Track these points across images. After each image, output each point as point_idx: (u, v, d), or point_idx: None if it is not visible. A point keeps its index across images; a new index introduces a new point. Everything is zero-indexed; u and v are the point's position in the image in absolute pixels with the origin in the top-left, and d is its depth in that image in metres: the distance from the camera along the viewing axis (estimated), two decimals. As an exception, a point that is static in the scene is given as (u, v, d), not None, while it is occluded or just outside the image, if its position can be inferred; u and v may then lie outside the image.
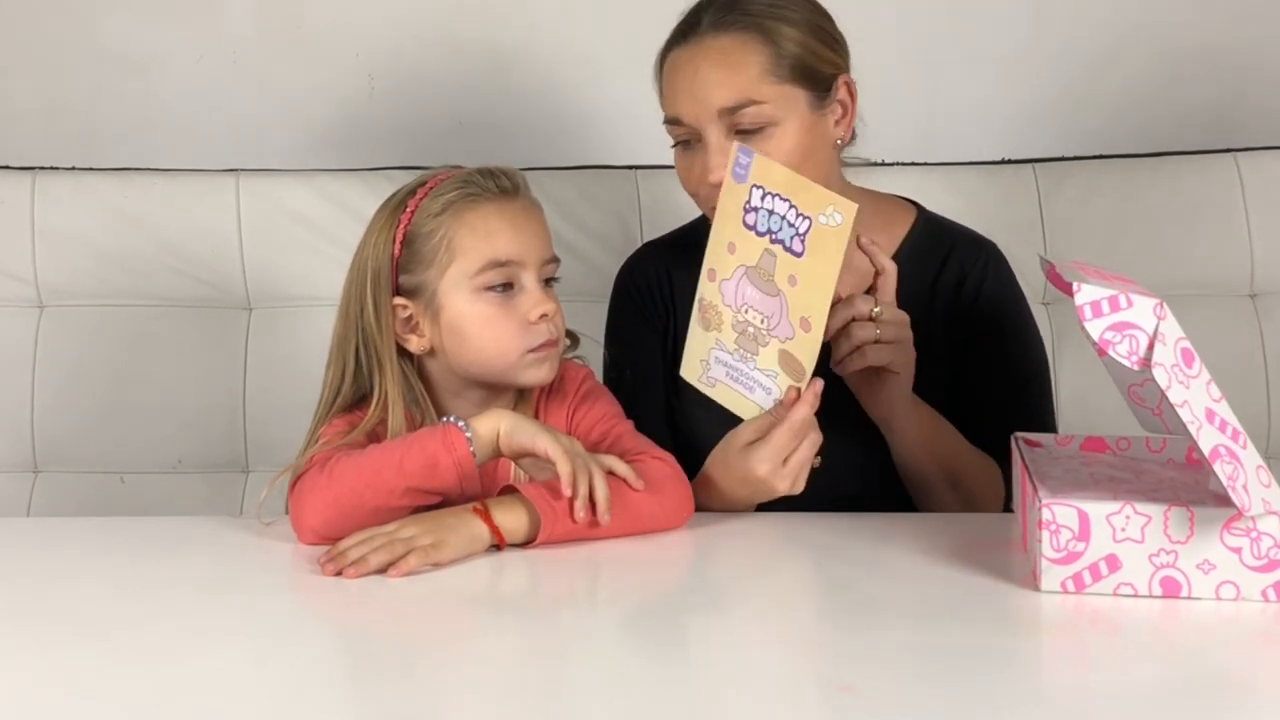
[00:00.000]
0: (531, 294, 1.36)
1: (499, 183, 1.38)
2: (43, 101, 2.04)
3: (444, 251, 1.35)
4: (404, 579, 1.17)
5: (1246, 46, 2.05)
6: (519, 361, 1.36)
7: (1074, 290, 1.07)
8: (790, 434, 1.31)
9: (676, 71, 1.43)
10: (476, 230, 1.35)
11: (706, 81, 1.40)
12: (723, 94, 1.39)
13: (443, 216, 1.36)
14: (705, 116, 1.40)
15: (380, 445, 1.31)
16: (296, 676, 0.98)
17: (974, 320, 1.52)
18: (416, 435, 1.29)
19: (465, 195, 1.36)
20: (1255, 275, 1.92)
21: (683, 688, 0.97)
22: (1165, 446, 1.31)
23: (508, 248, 1.35)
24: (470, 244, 1.35)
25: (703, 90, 1.40)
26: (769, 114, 1.40)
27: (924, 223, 1.56)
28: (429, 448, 1.26)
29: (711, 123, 1.40)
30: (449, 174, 1.40)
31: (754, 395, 1.35)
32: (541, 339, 1.36)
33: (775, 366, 1.33)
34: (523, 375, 1.37)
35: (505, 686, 0.98)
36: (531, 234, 1.37)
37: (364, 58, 2.05)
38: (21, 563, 1.26)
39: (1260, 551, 1.10)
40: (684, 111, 1.42)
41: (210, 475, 1.91)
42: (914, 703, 0.94)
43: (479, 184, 1.37)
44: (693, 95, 1.41)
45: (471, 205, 1.36)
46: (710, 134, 1.40)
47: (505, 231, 1.36)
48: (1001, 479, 1.46)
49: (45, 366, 1.90)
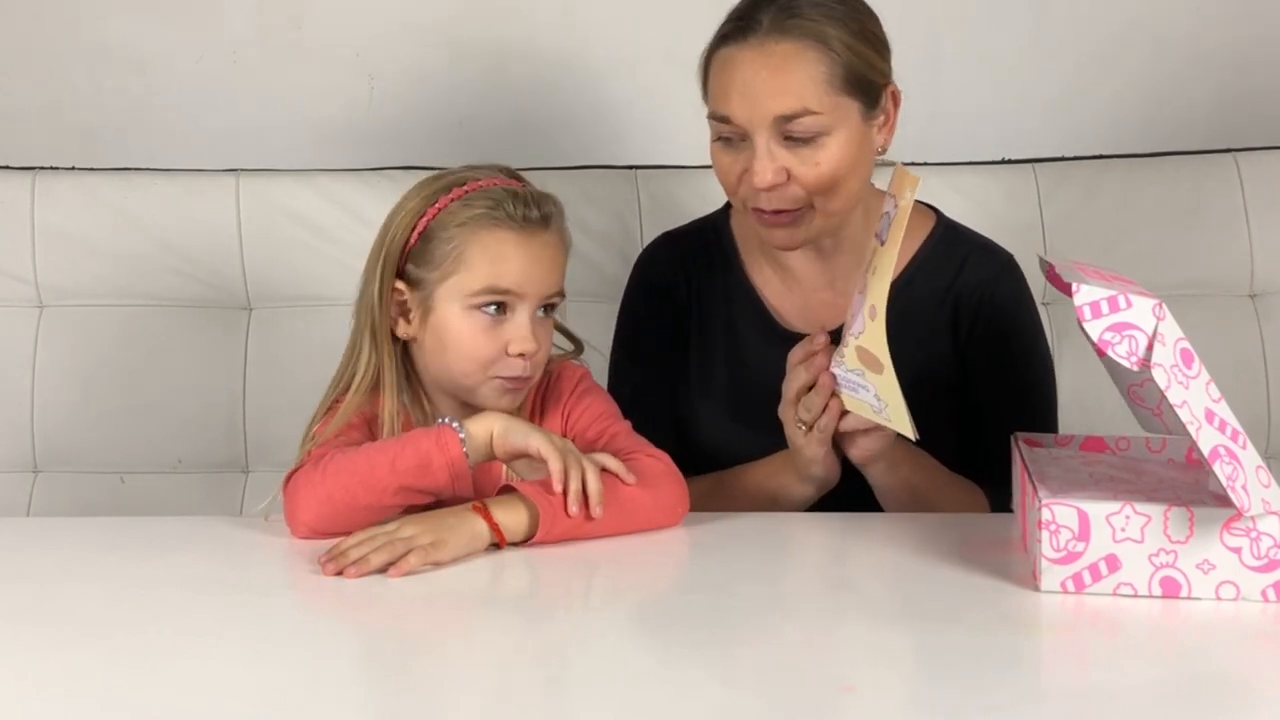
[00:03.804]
0: (519, 327, 1.36)
1: (528, 214, 1.37)
2: (43, 101, 2.04)
3: (451, 261, 1.36)
4: (404, 578, 1.17)
5: (1246, 46, 2.05)
6: (482, 382, 1.37)
7: (1073, 291, 1.07)
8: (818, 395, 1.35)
9: (732, 70, 1.41)
10: (488, 254, 1.35)
11: (765, 87, 1.38)
12: (781, 102, 1.38)
13: (464, 228, 1.36)
14: (759, 121, 1.39)
15: (374, 444, 1.31)
16: (296, 676, 0.98)
17: (980, 329, 1.52)
18: (410, 435, 1.30)
19: (490, 216, 1.36)
20: (1255, 275, 1.92)
21: (683, 688, 0.97)
22: (1165, 446, 1.31)
23: (512, 279, 1.36)
24: (477, 265, 1.35)
25: (760, 95, 1.38)
26: (823, 124, 1.39)
27: (943, 229, 1.56)
28: (422, 447, 1.27)
29: (764, 127, 1.39)
30: (491, 181, 1.39)
31: (861, 396, 1.34)
32: (512, 373, 1.37)
33: (860, 365, 1.31)
34: (483, 399, 1.38)
35: (505, 686, 0.99)
36: (542, 271, 1.37)
37: (364, 58, 2.05)
38: (21, 563, 1.26)
39: (1260, 551, 1.10)
40: (736, 112, 1.40)
41: (210, 475, 1.91)
42: (914, 703, 0.94)
43: (509, 210, 1.36)
44: (748, 98, 1.39)
45: (492, 228, 1.36)
46: (760, 138, 1.39)
47: (516, 262, 1.36)
48: (986, 503, 1.46)
49: (45, 366, 1.90)
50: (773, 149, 1.39)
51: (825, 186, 1.40)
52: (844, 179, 1.39)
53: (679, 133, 2.02)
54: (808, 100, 1.38)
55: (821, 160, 1.39)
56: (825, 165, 1.38)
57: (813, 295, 1.54)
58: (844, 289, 1.50)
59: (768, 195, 1.40)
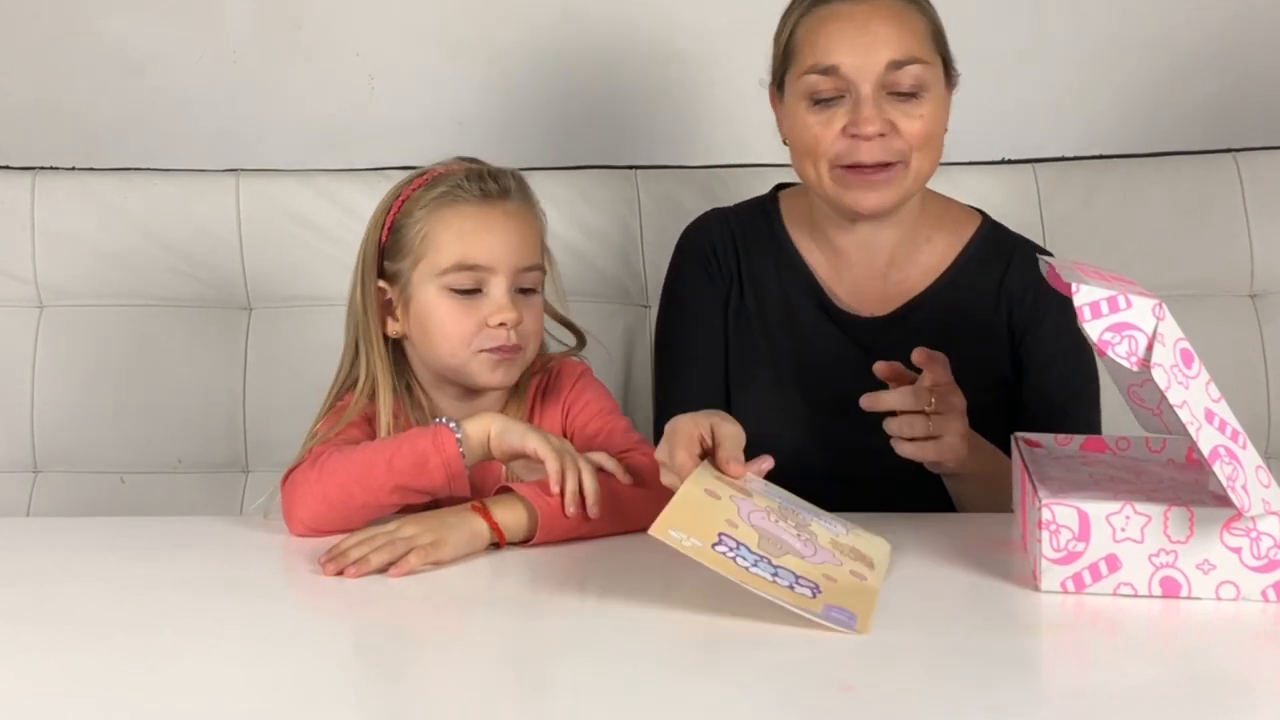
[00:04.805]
0: (495, 300, 1.38)
1: (484, 186, 1.40)
2: (43, 101, 2.04)
3: (420, 244, 1.39)
4: (404, 578, 1.17)
5: (1246, 46, 2.05)
6: (472, 359, 1.38)
7: (1073, 291, 1.07)
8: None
9: (842, 22, 1.45)
10: (451, 229, 1.38)
11: (880, 33, 1.43)
12: (894, 48, 1.43)
13: (426, 209, 1.39)
14: (870, 69, 1.43)
15: (372, 443, 1.32)
16: (296, 676, 0.98)
17: (1032, 330, 1.54)
18: (407, 434, 1.30)
19: (450, 194, 1.39)
20: (1255, 275, 1.92)
21: (682, 688, 0.97)
22: (1165, 446, 1.31)
23: (478, 252, 1.37)
24: (443, 242, 1.38)
25: (872, 41, 1.43)
26: (927, 77, 1.44)
27: (989, 229, 1.59)
28: (419, 446, 1.27)
29: (873, 77, 1.43)
30: (449, 168, 1.43)
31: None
32: (496, 343, 1.38)
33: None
34: (476, 376, 1.39)
35: (506, 686, 0.99)
36: (507, 241, 1.39)
37: (364, 58, 2.05)
38: (21, 563, 1.26)
39: (1260, 551, 1.10)
40: (846, 60, 1.43)
41: (210, 475, 1.91)
42: (914, 703, 0.94)
43: (465, 185, 1.39)
44: (860, 45, 1.43)
45: (453, 204, 1.39)
46: (866, 87, 1.43)
47: (479, 235, 1.38)
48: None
49: (45, 366, 1.90)
50: (879, 100, 1.43)
51: (924, 141, 1.45)
52: (937, 138, 1.46)
53: (679, 133, 2.03)
54: (915, 49, 1.44)
55: (925, 113, 1.44)
56: (927, 119, 1.44)
57: (864, 280, 1.56)
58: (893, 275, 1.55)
59: (869, 146, 1.43)
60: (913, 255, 1.55)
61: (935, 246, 1.56)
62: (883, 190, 1.46)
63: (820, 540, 1.18)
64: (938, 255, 1.55)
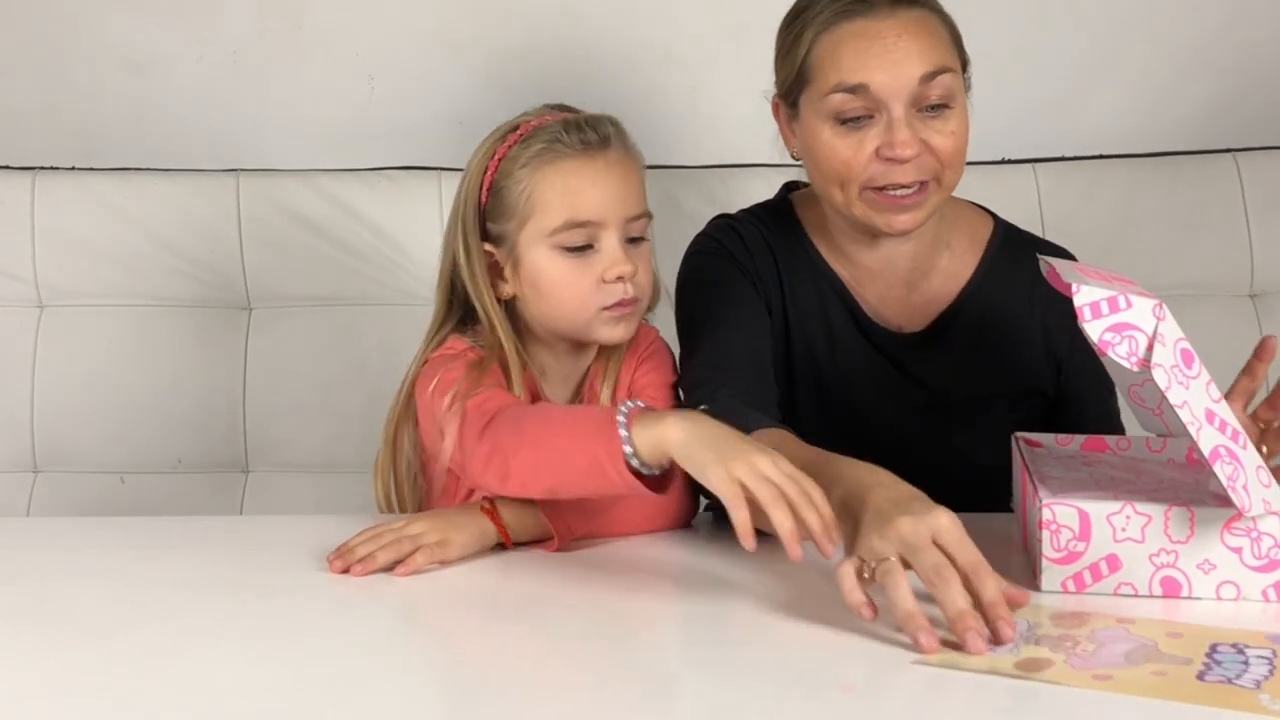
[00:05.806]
0: (609, 254, 1.34)
1: (585, 137, 1.35)
2: (43, 101, 2.04)
3: (524, 205, 1.34)
4: (408, 578, 1.17)
5: (1246, 47, 2.05)
6: (594, 319, 1.35)
7: (1073, 291, 1.07)
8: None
9: (869, 39, 1.39)
10: (556, 188, 1.34)
11: (909, 48, 1.38)
12: (924, 61, 1.37)
13: (526, 169, 1.35)
14: (900, 86, 1.37)
15: (552, 427, 1.22)
16: (296, 676, 0.98)
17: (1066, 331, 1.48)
18: (583, 429, 1.18)
19: (550, 149, 1.34)
20: (1255, 275, 1.92)
21: (684, 687, 0.97)
22: (1165, 446, 1.31)
23: (587, 208, 1.33)
24: (550, 201, 1.34)
25: (902, 58, 1.37)
26: (954, 86, 1.40)
27: (1004, 230, 1.56)
28: (593, 452, 1.16)
29: (904, 95, 1.38)
30: (541, 119, 1.38)
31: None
32: (615, 298, 1.34)
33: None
34: (598, 332, 1.36)
35: (508, 686, 0.99)
36: (614, 192, 1.35)
37: (364, 58, 2.05)
38: (21, 563, 1.26)
39: (1260, 551, 1.10)
40: (876, 79, 1.38)
41: (210, 475, 1.91)
42: (914, 703, 0.94)
43: (564, 139, 1.35)
44: (889, 62, 1.37)
45: (555, 160, 1.34)
46: (897, 107, 1.38)
47: (586, 190, 1.34)
48: None
49: (45, 366, 1.90)
50: (911, 118, 1.38)
51: (955, 157, 1.41)
52: (964, 152, 1.41)
53: (679, 133, 2.03)
54: (944, 58, 1.39)
55: (955, 128, 1.40)
56: (958, 134, 1.40)
57: (888, 291, 1.52)
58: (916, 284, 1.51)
59: (904, 168, 1.39)
60: (934, 262, 1.51)
61: (955, 251, 1.52)
62: (915, 211, 1.41)
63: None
64: (959, 260, 1.52)
